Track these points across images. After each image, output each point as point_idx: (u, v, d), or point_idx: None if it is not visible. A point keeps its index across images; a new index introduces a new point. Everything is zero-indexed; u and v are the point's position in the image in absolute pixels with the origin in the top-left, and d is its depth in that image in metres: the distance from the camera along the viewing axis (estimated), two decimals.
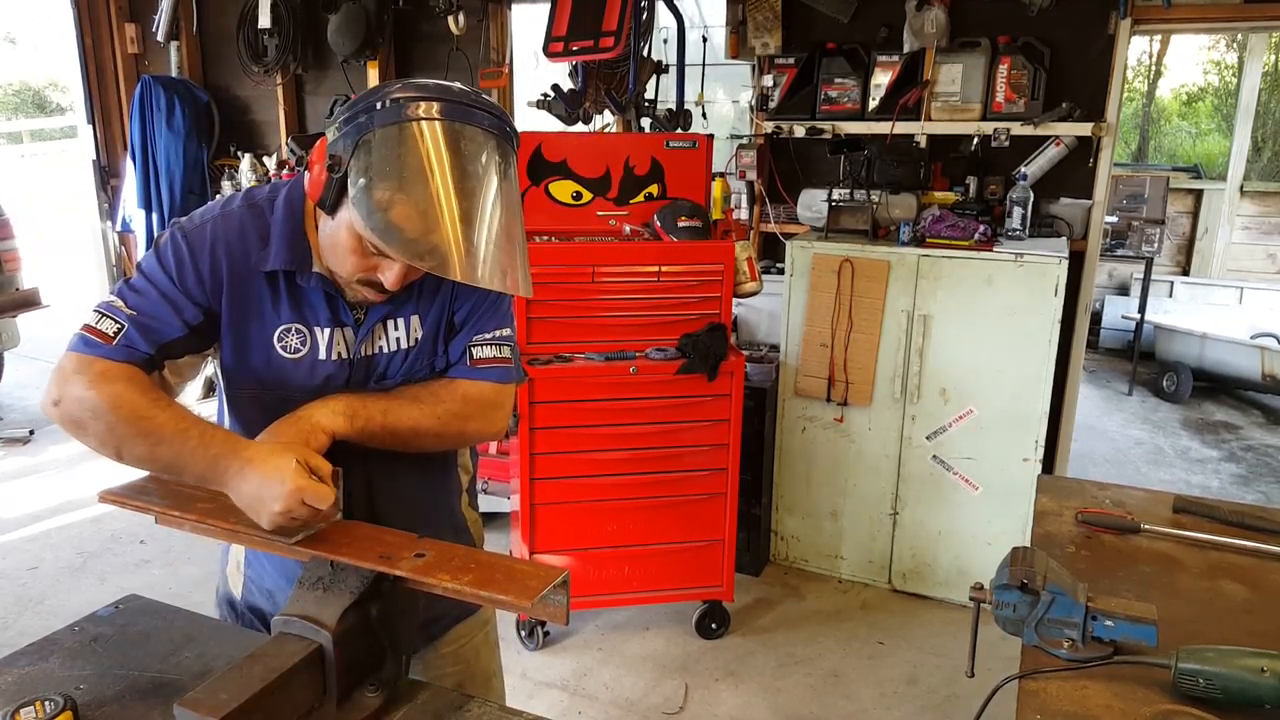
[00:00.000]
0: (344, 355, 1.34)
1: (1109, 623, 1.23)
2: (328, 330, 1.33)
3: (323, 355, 1.33)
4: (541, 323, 2.84)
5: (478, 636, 1.60)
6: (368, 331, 1.34)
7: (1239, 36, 8.28)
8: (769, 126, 3.66)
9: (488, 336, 1.40)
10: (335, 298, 1.32)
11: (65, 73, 5.98)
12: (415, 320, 1.37)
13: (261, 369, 1.32)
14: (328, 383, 1.34)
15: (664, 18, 3.65)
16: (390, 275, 1.22)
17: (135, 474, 1.36)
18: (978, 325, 3.15)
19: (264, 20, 4.41)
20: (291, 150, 4.34)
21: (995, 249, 3.12)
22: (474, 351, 1.39)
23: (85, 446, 1.29)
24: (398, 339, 1.37)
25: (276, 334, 1.31)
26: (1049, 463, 3.37)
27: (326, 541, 1.20)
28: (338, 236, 1.22)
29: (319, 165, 1.19)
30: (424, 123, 1.17)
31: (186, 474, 1.21)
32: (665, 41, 3.71)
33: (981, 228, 3.19)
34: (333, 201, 1.19)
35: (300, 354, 1.32)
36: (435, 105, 1.19)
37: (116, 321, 1.24)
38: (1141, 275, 6.03)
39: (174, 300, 1.26)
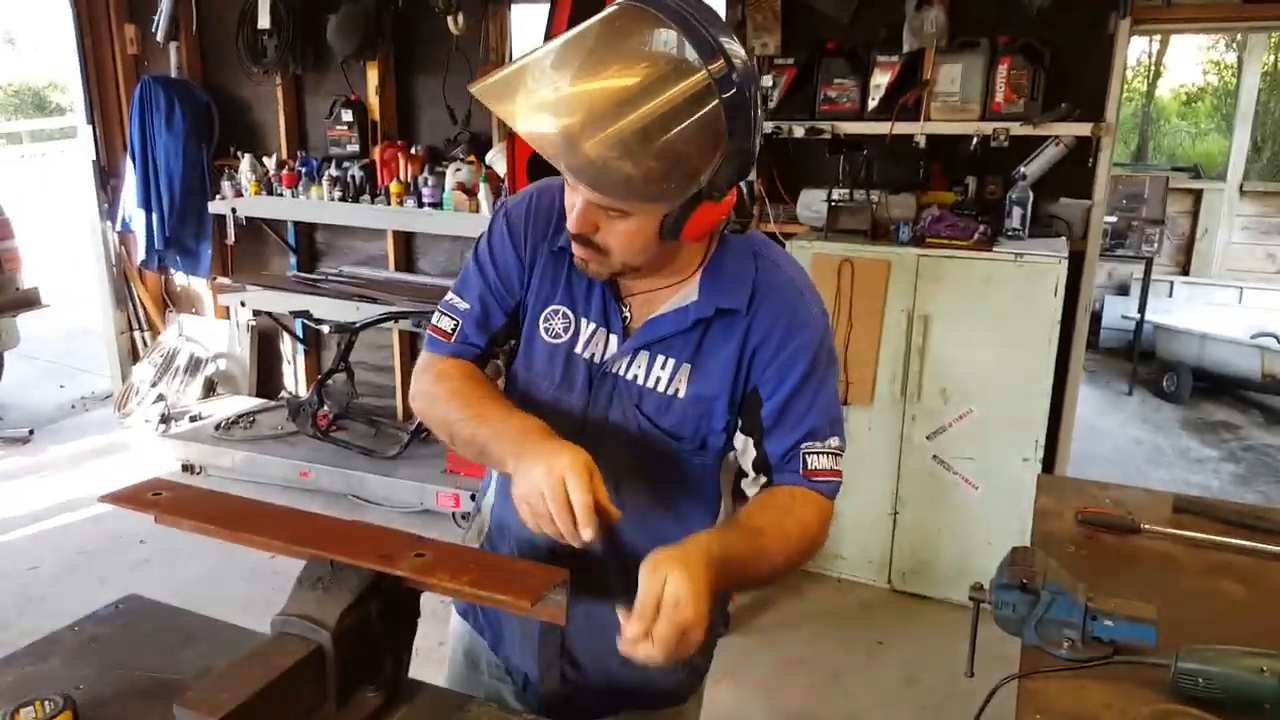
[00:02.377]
0: (597, 359, 1.23)
1: (1109, 622, 1.23)
2: (593, 325, 1.23)
3: (579, 349, 1.23)
4: None
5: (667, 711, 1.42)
6: (629, 350, 1.22)
7: (1238, 36, 8.29)
8: (768, 126, 3.66)
9: (820, 446, 1.19)
10: (611, 299, 1.22)
11: (65, 73, 5.97)
12: (685, 371, 1.20)
13: (525, 345, 1.28)
14: (571, 384, 1.24)
15: None
16: (574, 212, 1.08)
17: (131, 473, 1.36)
18: (977, 325, 3.15)
19: (263, 20, 4.41)
20: None
21: (995, 249, 3.12)
22: (809, 462, 1.19)
23: (85, 446, 1.29)
24: (658, 379, 1.21)
25: (544, 314, 1.25)
26: (1049, 462, 3.37)
27: (326, 541, 1.20)
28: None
29: None
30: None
31: (494, 456, 1.16)
32: None
33: (981, 228, 3.19)
34: None
35: (560, 340, 1.24)
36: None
37: (453, 319, 1.28)
38: (1141, 275, 6.03)
39: (494, 288, 1.26)
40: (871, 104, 3.47)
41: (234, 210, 4.56)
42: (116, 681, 1.23)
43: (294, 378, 5.11)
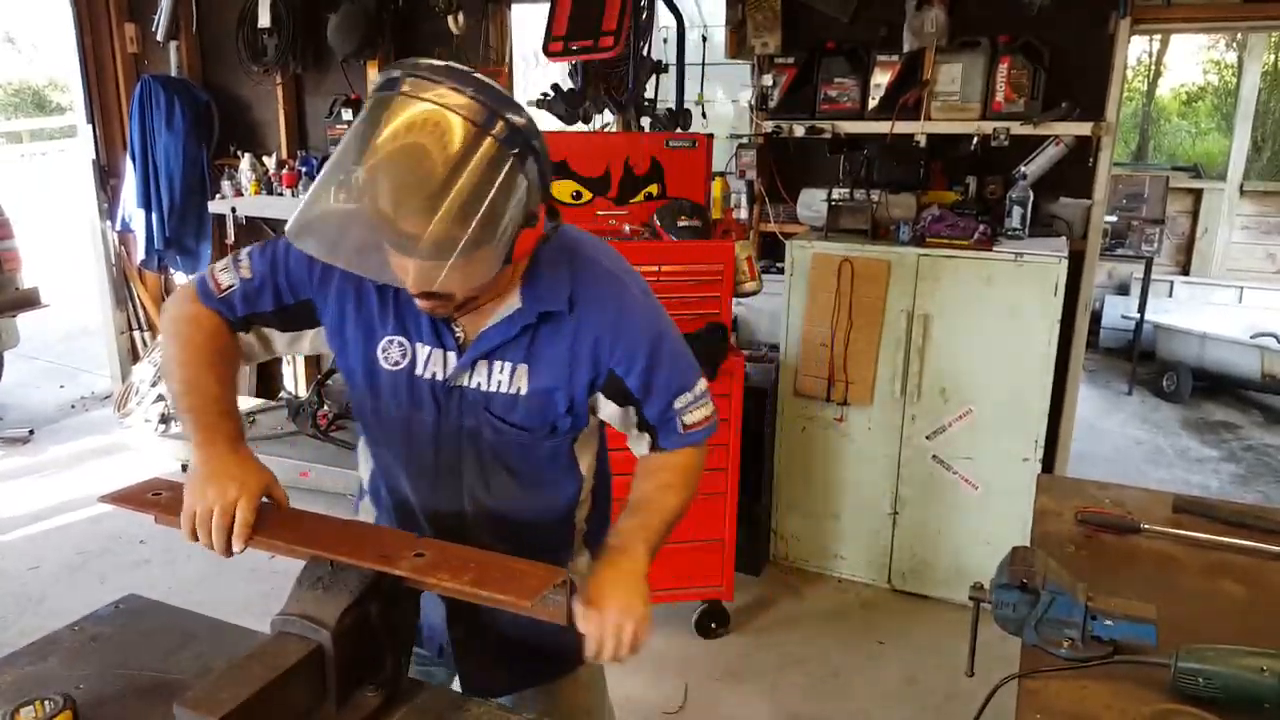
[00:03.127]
0: (438, 378, 1.33)
1: (1109, 622, 1.24)
2: (427, 348, 1.33)
3: (419, 371, 1.34)
4: None
5: (567, 689, 1.56)
6: (468, 364, 1.32)
7: (1239, 36, 8.28)
8: (769, 126, 3.66)
9: (691, 398, 1.40)
10: (440, 322, 1.32)
11: (65, 72, 5.98)
12: (523, 370, 1.32)
13: (365, 376, 1.36)
14: (419, 404, 1.34)
15: (664, 17, 3.64)
16: (408, 277, 1.16)
17: (131, 473, 1.37)
18: (977, 325, 3.15)
19: (264, 20, 4.40)
20: None
21: (995, 248, 3.12)
22: (685, 419, 1.39)
23: (85, 446, 1.33)
24: (499, 382, 1.33)
25: (381, 344, 1.34)
26: (1049, 462, 3.37)
27: (326, 541, 1.20)
28: None
29: None
30: (376, 93, 1.14)
31: (187, 427, 1.29)
32: (665, 41, 3.70)
33: (981, 227, 3.18)
34: None
35: (399, 366, 1.34)
36: (391, 73, 1.14)
37: (232, 279, 1.35)
38: (1141, 275, 6.03)
39: (278, 277, 1.34)
40: (872, 103, 3.47)
41: (234, 210, 4.56)
42: (116, 681, 1.23)
43: (294, 378, 5.11)
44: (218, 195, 4.61)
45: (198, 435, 1.27)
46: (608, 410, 1.39)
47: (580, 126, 3.64)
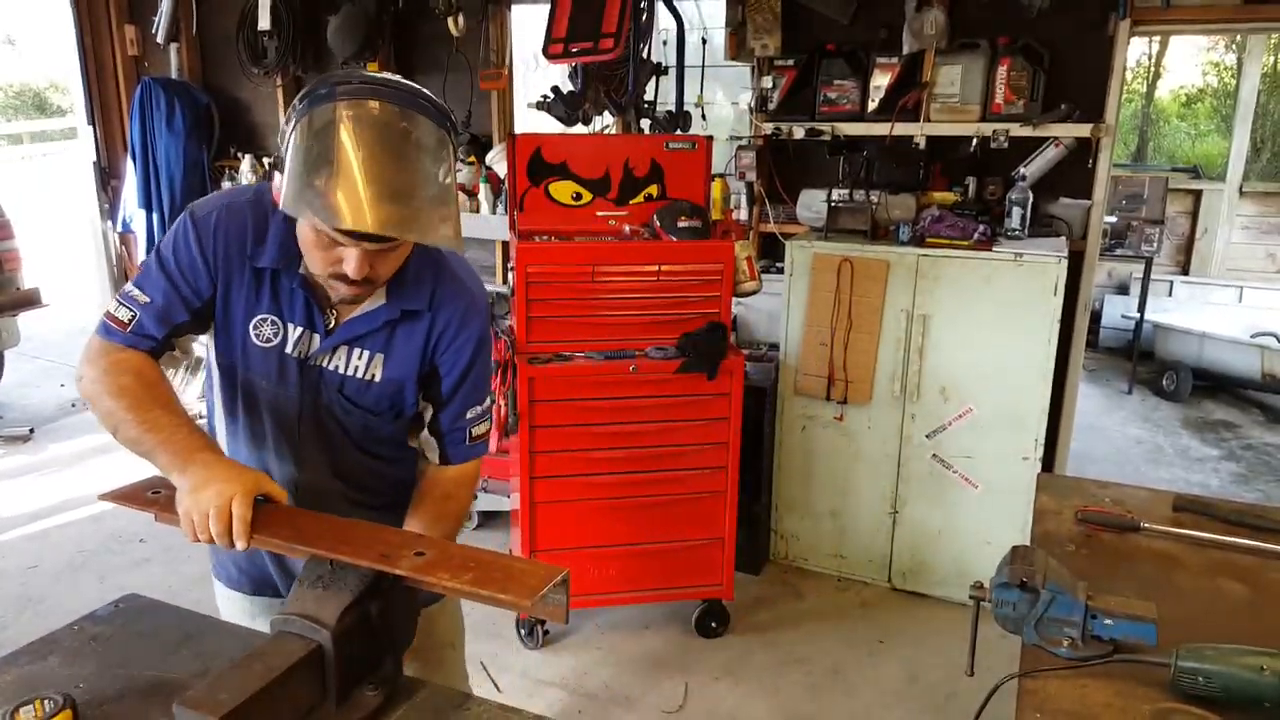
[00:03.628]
0: (303, 356, 1.44)
1: (1109, 621, 1.24)
2: (299, 329, 1.43)
3: (289, 349, 1.44)
4: (541, 322, 2.84)
5: (433, 606, 1.63)
6: (329, 347, 1.44)
7: (1238, 37, 8.29)
8: (768, 128, 3.66)
9: (480, 410, 1.55)
10: (312, 304, 1.42)
11: (65, 74, 5.98)
12: (379, 360, 1.46)
13: (238, 350, 1.45)
14: (286, 380, 1.45)
15: (664, 19, 3.65)
16: (350, 263, 1.26)
17: (131, 472, 1.38)
18: (977, 324, 3.15)
19: (264, 22, 4.41)
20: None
21: (994, 249, 3.12)
22: (473, 431, 1.54)
23: (85, 445, 1.35)
24: (356, 368, 1.46)
25: (254, 322, 1.43)
26: (1048, 461, 3.37)
27: (325, 540, 1.20)
28: (303, 234, 1.30)
29: (278, 177, 1.29)
30: (333, 105, 1.22)
31: (159, 462, 1.32)
32: (665, 43, 3.71)
33: (981, 227, 3.19)
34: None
35: (271, 344, 1.44)
36: (339, 88, 1.23)
37: (131, 310, 1.40)
38: (1141, 275, 6.03)
39: (180, 287, 1.40)
40: (871, 105, 3.48)
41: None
42: (116, 681, 1.23)
43: None
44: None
45: (175, 460, 1.29)
46: (420, 403, 1.53)
47: (580, 128, 3.64)
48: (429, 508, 1.50)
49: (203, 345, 1.60)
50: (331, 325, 1.44)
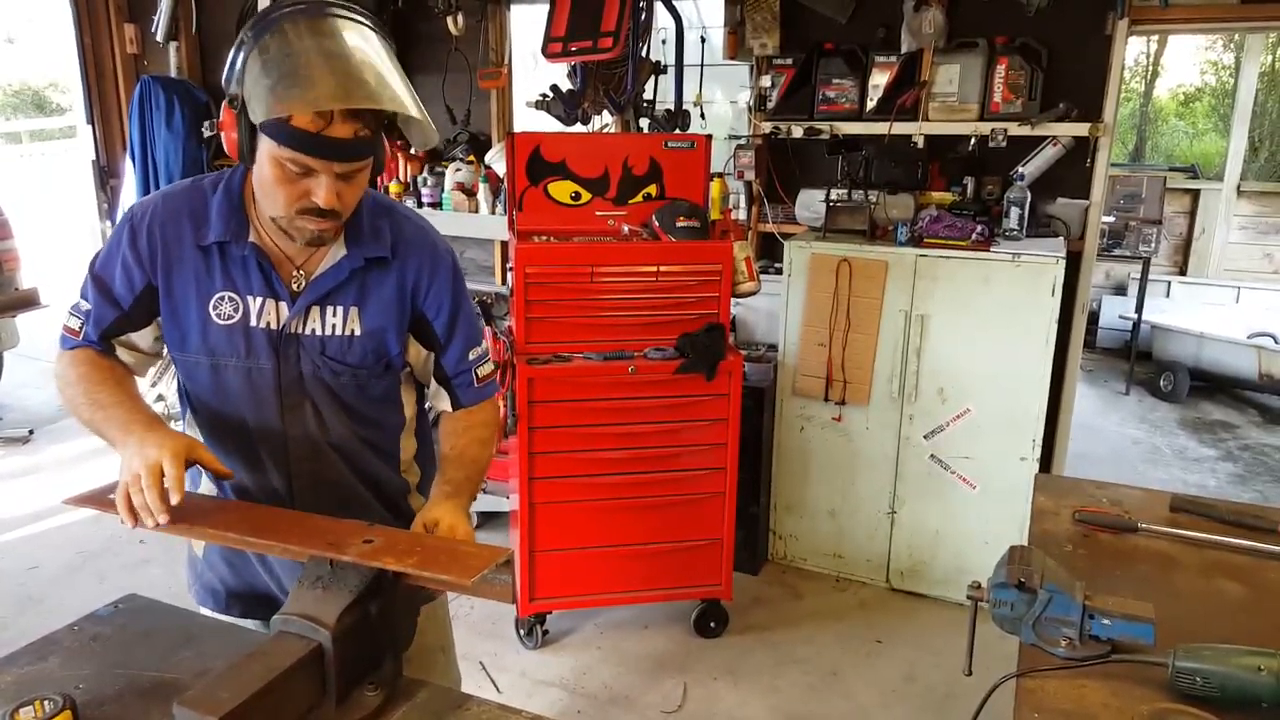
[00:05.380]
0: (273, 326, 1.43)
1: (1106, 621, 1.24)
2: (260, 299, 1.42)
3: (253, 322, 1.43)
4: (540, 322, 2.84)
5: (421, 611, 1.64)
6: (301, 310, 1.43)
7: (1236, 37, 8.30)
8: (767, 127, 3.66)
9: (481, 351, 1.58)
10: (270, 271, 1.42)
11: (65, 73, 5.98)
12: (355, 312, 1.45)
13: (199, 335, 1.43)
14: (256, 354, 1.43)
15: (662, 18, 3.65)
16: (321, 191, 1.30)
17: (101, 478, 1.40)
18: (975, 325, 3.15)
19: None
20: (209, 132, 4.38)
21: (992, 249, 3.12)
22: (479, 371, 1.57)
23: (85, 446, 1.39)
24: (334, 325, 1.45)
25: (212, 302, 1.42)
26: (1046, 462, 3.38)
27: (279, 531, 1.23)
28: (264, 175, 1.32)
29: (226, 118, 1.31)
30: (281, 21, 1.27)
31: (107, 436, 1.36)
32: (664, 42, 3.71)
33: (979, 228, 3.19)
34: (247, 142, 1.30)
35: (232, 320, 1.42)
36: (284, 11, 1.29)
37: (78, 318, 1.46)
38: (1139, 275, 6.04)
39: (111, 288, 1.44)
40: (870, 104, 3.48)
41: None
42: (116, 681, 1.23)
43: None
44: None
45: (115, 435, 1.33)
46: (415, 355, 1.55)
47: (579, 127, 3.64)
48: (450, 441, 1.55)
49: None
50: (296, 288, 1.43)
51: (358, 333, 1.46)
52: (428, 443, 1.70)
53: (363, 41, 1.29)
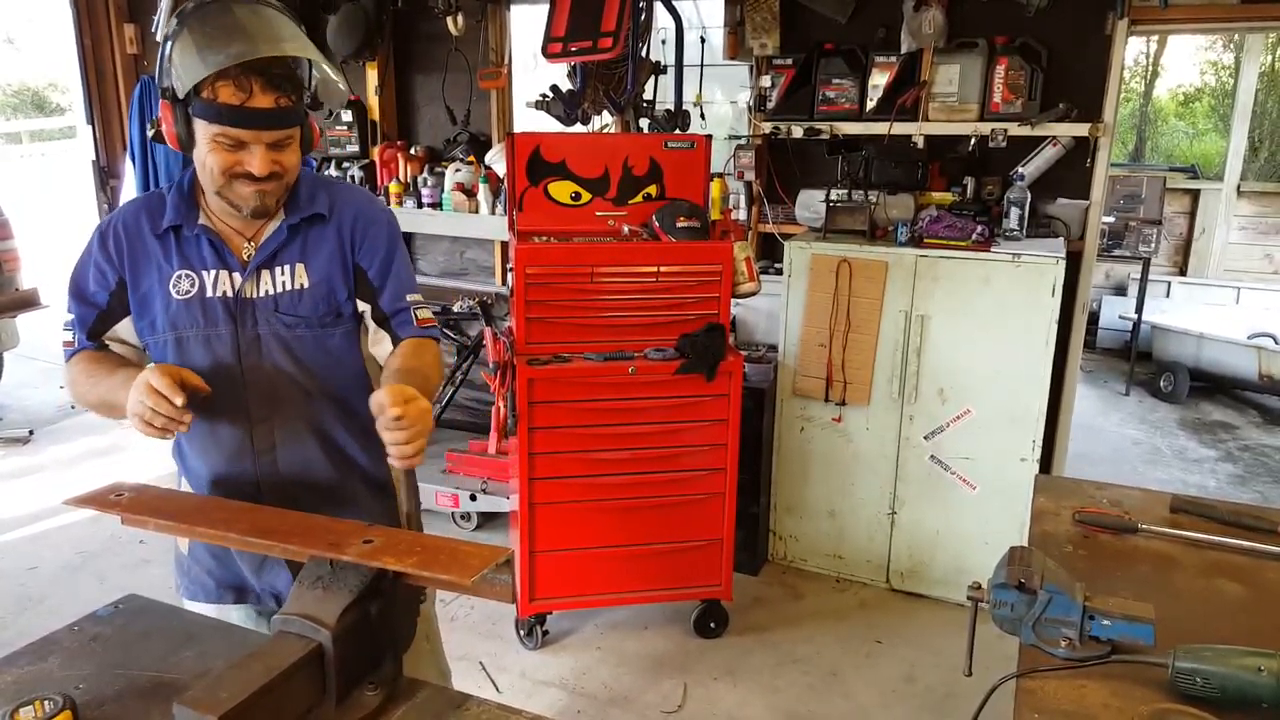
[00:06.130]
0: (228, 294, 1.55)
1: (1106, 622, 1.24)
2: (213, 272, 1.56)
3: (209, 294, 1.55)
4: (540, 323, 2.84)
5: None
6: (251, 273, 1.56)
7: (1236, 37, 8.30)
8: (767, 127, 3.66)
9: (419, 298, 1.66)
10: (221, 246, 1.56)
11: (64, 73, 5.98)
12: (300, 268, 1.58)
13: (163, 314, 1.56)
14: (214, 321, 1.55)
15: (662, 18, 3.65)
16: (255, 160, 1.44)
17: (130, 472, 1.39)
18: (975, 325, 3.15)
19: None
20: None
21: (993, 249, 3.12)
22: (418, 313, 1.65)
23: (85, 446, 1.41)
24: (283, 283, 1.57)
25: (171, 280, 1.55)
26: (1046, 463, 3.38)
27: (279, 532, 1.23)
28: (202, 156, 1.46)
29: (164, 112, 1.46)
30: (189, 14, 1.44)
31: (113, 401, 1.47)
32: (664, 42, 3.71)
33: (979, 228, 3.19)
34: (184, 130, 1.44)
35: (190, 294, 1.55)
36: (192, 6, 1.44)
37: (69, 330, 1.60)
38: (1139, 275, 6.04)
39: (88, 295, 1.58)
40: (870, 104, 3.48)
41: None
42: (116, 681, 1.23)
43: None
44: None
45: (118, 395, 1.44)
46: (361, 305, 1.63)
47: (579, 127, 3.65)
48: (394, 362, 1.58)
49: None
50: (247, 258, 1.56)
51: (305, 285, 1.58)
52: None
53: (263, 13, 1.45)
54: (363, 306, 1.64)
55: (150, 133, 1.54)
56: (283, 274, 1.57)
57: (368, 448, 1.64)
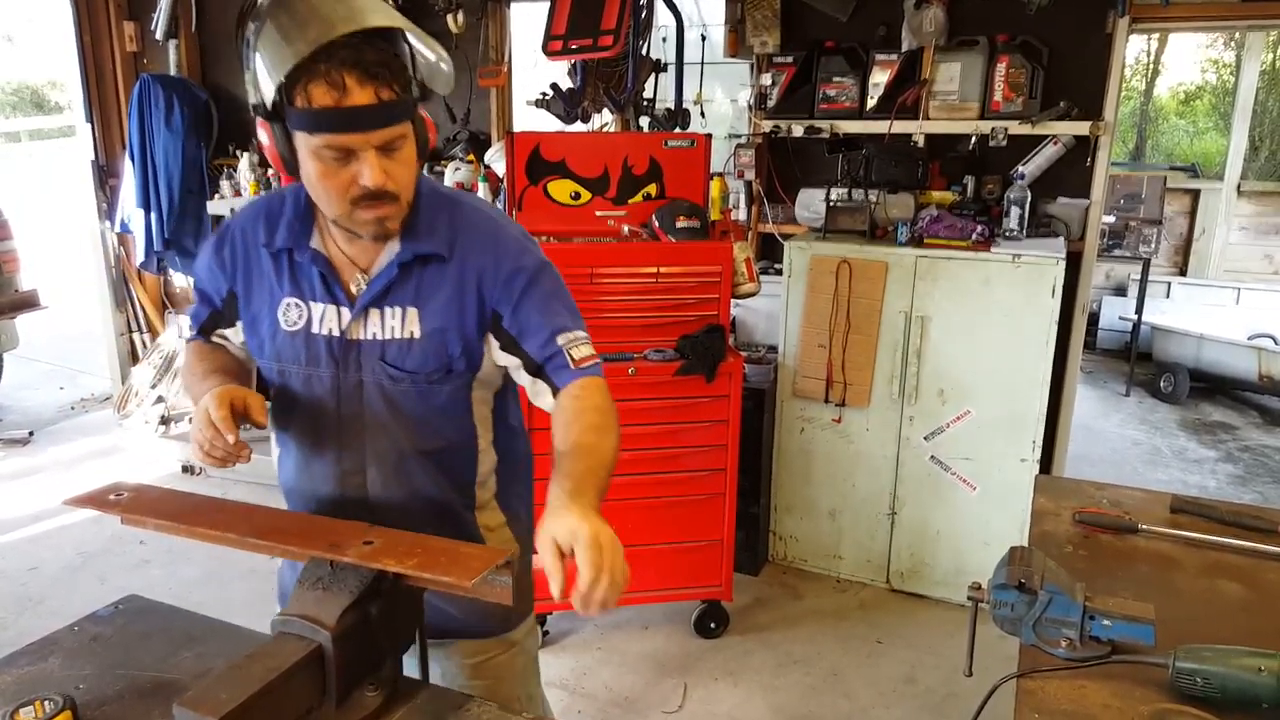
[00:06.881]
0: (334, 333, 1.40)
1: (1106, 622, 1.24)
2: (321, 306, 1.40)
3: (315, 329, 1.40)
4: None
5: (499, 657, 1.57)
6: (359, 312, 1.38)
7: (1237, 35, 8.30)
8: (767, 125, 3.66)
9: (573, 337, 1.41)
10: (330, 279, 1.39)
11: (64, 72, 5.98)
12: (413, 314, 1.38)
13: (270, 342, 1.43)
14: (316, 360, 1.41)
15: (663, 16, 3.65)
16: (366, 170, 1.24)
17: (130, 473, 1.40)
18: (975, 326, 3.15)
19: None
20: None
21: (993, 249, 3.12)
22: (573, 354, 1.40)
23: (85, 447, 1.40)
24: (392, 328, 1.38)
25: (281, 308, 1.42)
26: (1046, 463, 3.38)
27: (280, 533, 1.23)
28: (311, 176, 1.27)
29: (263, 133, 1.28)
30: (260, 9, 1.24)
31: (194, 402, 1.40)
32: (664, 40, 3.71)
33: (979, 228, 3.19)
34: (285, 149, 1.26)
35: (297, 327, 1.41)
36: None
37: (191, 319, 1.55)
38: (1139, 276, 6.04)
39: (204, 291, 1.51)
40: (870, 103, 3.48)
41: (233, 210, 4.53)
42: (116, 681, 1.23)
43: None
44: (217, 195, 4.60)
45: (197, 397, 1.39)
46: (504, 359, 1.42)
47: (579, 126, 3.64)
48: (561, 435, 1.34)
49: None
50: (357, 292, 1.39)
51: (417, 335, 1.38)
52: (511, 458, 1.58)
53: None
54: (506, 360, 1.42)
55: (255, 157, 1.47)
56: (393, 317, 1.38)
57: (467, 506, 1.51)
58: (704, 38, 4.00)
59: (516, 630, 1.60)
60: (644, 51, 3.50)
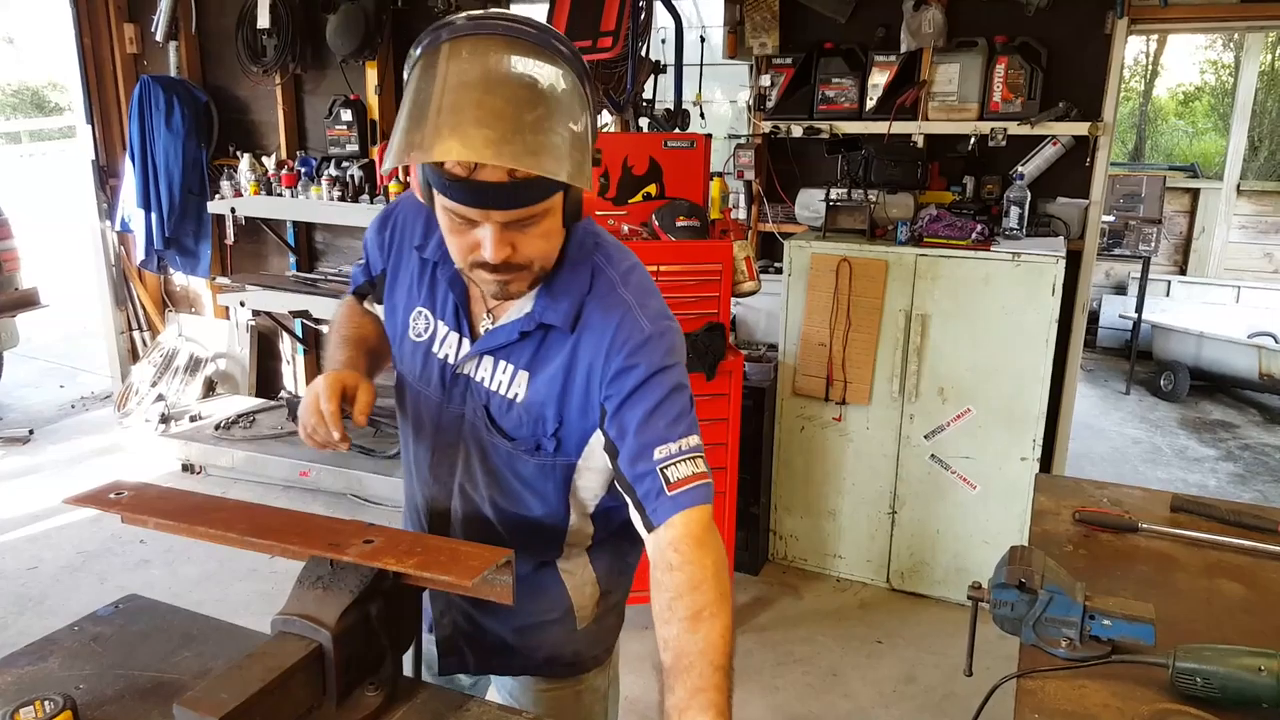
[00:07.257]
0: (449, 360, 1.34)
1: (1107, 622, 1.24)
2: (446, 330, 1.35)
3: (435, 348, 1.35)
4: None
5: (565, 693, 1.55)
6: (476, 353, 1.31)
7: (1236, 36, 8.31)
8: (766, 126, 3.67)
9: (675, 450, 1.22)
10: (462, 304, 1.33)
11: (64, 73, 5.98)
12: (523, 376, 1.28)
13: (397, 343, 1.43)
14: (428, 380, 1.36)
15: (662, 18, 3.65)
16: (488, 244, 1.12)
17: (130, 473, 1.39)
18: (975, 325, 3.15)
19: (263, 20, 4.40)
20: None
21: (992, 248, 3.12)
22: (668, 474, 1.19)
23: (85, 446, 1.37)
24: (501, 383, 1.30)
25: (412, 314, 1.39)
26: (1046, 462, 3.38)
27: (279, 532, 1.23)
28: (441, 223, 1.19)
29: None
30: (432, 45, 1.11)
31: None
32: (663, 41, 3.71)
33: (979, 227, 3.19)
34: (426, 188, 1.14)
35: (421, 339, 1.37)
36: (444, 30, 1.11)
37: (354, 274, 1.54)
38: (1139, 274, 6.04)
39: (368, 257, 1.49)
40: (869, 104, 3.48)
41: (233, 210, 4.56)
42: (116, 681, 1.23)
43: (293, 377, 5.11)
44: (217, 195, 4.61)
45: (328, 365, 1.42)
46: (605, 462, 1.28)
47: None
48: (661, 632, 1.16)
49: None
50: (478, 331, 1.32)
51: (520, 399, 1.29)
52: (620, 570, 1.58)
53: (519, 72, 1.07)
54: (607, 464, 1.27)
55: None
56: (504, 372, 1.29)
57: (540, 550, 1.43)
58: (703, 39, 4.00)
59: (594, 672, 1.60)
60: (643, 53, 3.50)
